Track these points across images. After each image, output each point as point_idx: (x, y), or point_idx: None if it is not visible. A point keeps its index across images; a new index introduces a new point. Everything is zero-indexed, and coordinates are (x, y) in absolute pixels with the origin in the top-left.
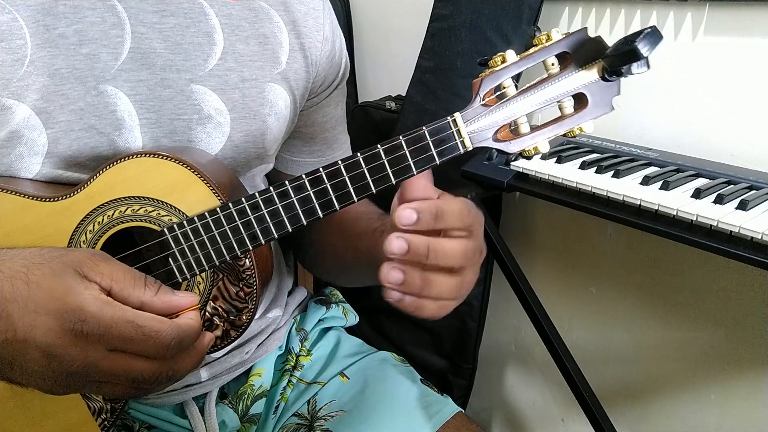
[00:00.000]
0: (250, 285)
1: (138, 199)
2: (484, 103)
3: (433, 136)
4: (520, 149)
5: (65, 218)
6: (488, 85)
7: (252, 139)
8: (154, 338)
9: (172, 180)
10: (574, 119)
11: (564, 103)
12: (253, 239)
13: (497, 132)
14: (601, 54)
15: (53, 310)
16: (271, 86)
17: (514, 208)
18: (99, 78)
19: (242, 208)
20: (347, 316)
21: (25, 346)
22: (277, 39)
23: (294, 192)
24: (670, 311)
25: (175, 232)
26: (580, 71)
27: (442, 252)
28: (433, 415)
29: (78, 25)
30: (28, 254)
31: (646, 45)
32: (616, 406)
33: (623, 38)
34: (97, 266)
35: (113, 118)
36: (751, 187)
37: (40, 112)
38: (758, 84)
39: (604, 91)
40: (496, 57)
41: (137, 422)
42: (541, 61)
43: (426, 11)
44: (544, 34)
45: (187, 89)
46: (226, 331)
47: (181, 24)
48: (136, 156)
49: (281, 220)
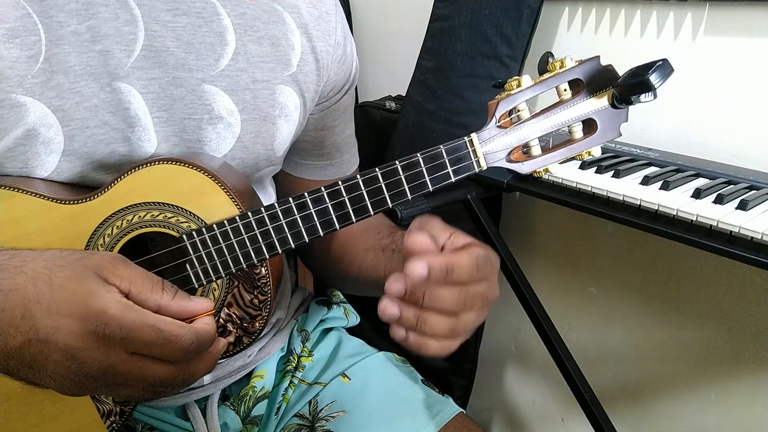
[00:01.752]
0: (265, 293)
1: (157, 205)
2: (499, 124)
3: (450, 154)
4: (532, 170)
5: (84, 221)
6: (504, 107)
7: (261, 141)
8: (174, 342)
9: (191, 187)
10: (584, 144)
11: (574, 127)
12: (271, 248)
13: (510, 153)
14: (611, 82)
15: (76, 312)
16: (281, 88)
17: (514, 208)
18: (113, 75)
19: (261, 218)
20: (348, 316)
21: (47, 347)
22: (289, 41)
23: (313, 204)
24: (670, 311)
25: (193, 239)
26: (591, 98)
27: (437, 298)
28: (435, 415)
29: (90, 22)
30: (50, 256)
31: (658, 77)
32: (616, 406)
33: (634, 69)
34: (117, 269)
35: (127, 115)
36: (751, 187)
37: (56, 110)
38: (758, 84)
39: (613, 118)
40: (511, 81)
41: (140, 423)
42: (554, 87)
43: (426, 11)
44: (558, 60)
45: (198, 89)
46: (239, 338)
47: (193, 23)
48: (156, 162)
49: (299, 230)
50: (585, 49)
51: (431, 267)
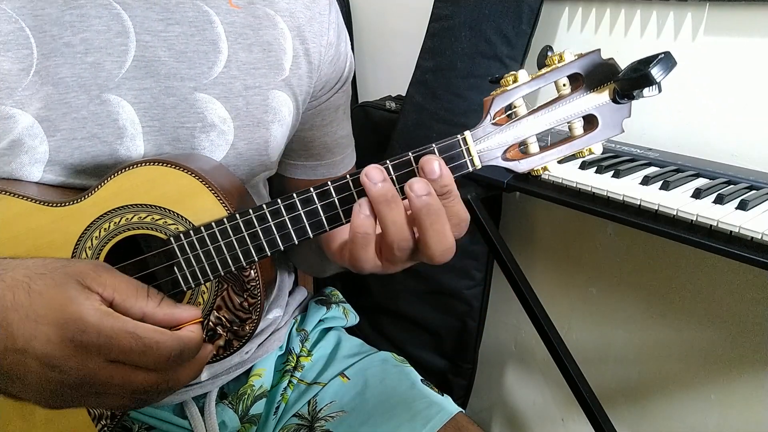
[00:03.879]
0: (255, 296)
1: (145, 207)
2: (494, 122)
3: (443, 153)
4: (529, 169)
5: (71, 224)
6: (499, 104)
7: (255, 147)
8: (155, 350)
9: (179, 188)
10: (584, 140)
11: (574, 123)
12: (259, 250)
13: (507, 151)
14: (613, 76)
15: (53, 320)
16: (274, 93)
17: (514, 208)
18: (102, 87)
19: (249, 219)
20: (347, 316)
21: (24, 357)
22: (281, 46)
23: (302, 205)
24: (670, 311)
25: (181, 241)
26: (591, 93)
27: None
28: (434, 415)
29: (84, 34)
30: (30, 264)
31: (660, 70)
32: (616, 406)
33: (636, 62)
34: (100, 277)
35: (115, 126)
36: (751, 187)
37: (42, 120)
38: (758, 84)
39: (614, 114)
40: (507, 76)
41: (136, 423)
42: (553, 82)
43: (426, 11)
44: (556, 54)
45: (190, 97)
46: (229, 341)
47: (186, 32)
48: (144, 164)
49: (288, 232)
50: (585, 48)
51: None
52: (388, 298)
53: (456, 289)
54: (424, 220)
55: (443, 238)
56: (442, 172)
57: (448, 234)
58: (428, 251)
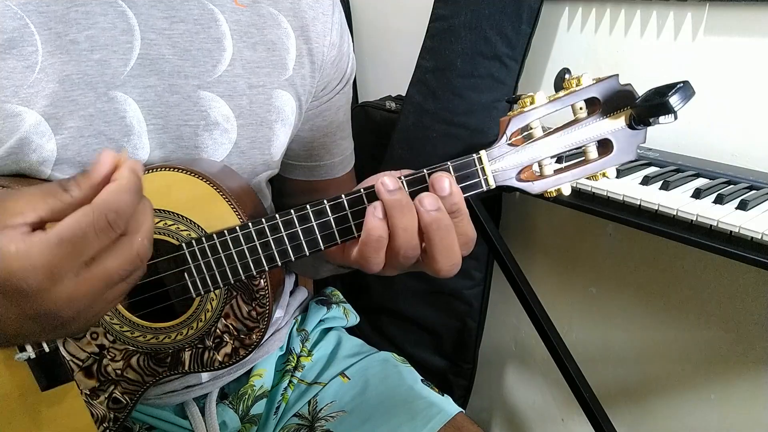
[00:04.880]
0: (263, 305)
1: (158, 213)
2: (510, 142)
3: (458, 171)
4: (542, 191)
5: None
6: (516, 125)
7: (258, 146)
8: (90, 232)
9: (193, 195)
10: (598, 165)
11: (589, 147)
12: (270, 261)
13: (521, 172)
14: (629, 102)
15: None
16: (278, 93)
17: (514, 208)
18: (109, 84)
19: (261, 229)
20: (348, 316)
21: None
22: (284, 45)
23: (315, 216)
24: (670, 311)
25: (192, 248)
26: (607, 118)
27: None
28: (434, 415)
29: (90, 31)
30: None
31: (679, 99)
32: (616, 406)
33: (654, 90)
34: (9, 209)
35: (122, 124)
36: (751, 187)
37: (48, 118)
38: (758, 84)
39: (629, 139)
40: (525, 98)
41: (137, 423)
42: (569, 105)
43: (426, 11)
44: (574, 78)
45: (194, 95)
46: (236, 349)
47: (191, 30)
48: (160, 169)
49: (299, 243)
50: (585, 49)
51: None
52: (389, 298)
53: (456, 289)
54: (433, 235)
55: (451, 253)
56: (452, 190)
57: (456, 250)
58: (436, 265)
